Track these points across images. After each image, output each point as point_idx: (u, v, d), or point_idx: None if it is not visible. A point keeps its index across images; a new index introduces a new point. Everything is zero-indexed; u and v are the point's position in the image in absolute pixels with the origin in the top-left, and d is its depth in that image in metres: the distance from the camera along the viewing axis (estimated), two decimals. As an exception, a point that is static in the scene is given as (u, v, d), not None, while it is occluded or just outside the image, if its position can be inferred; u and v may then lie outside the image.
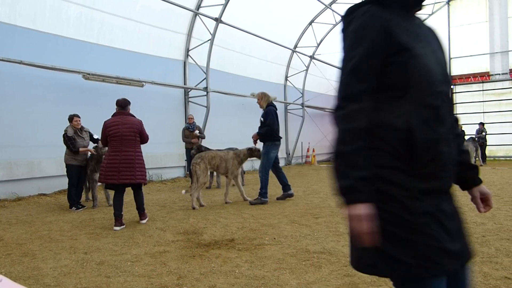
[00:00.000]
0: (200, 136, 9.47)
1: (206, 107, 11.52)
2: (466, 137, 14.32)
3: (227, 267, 3.48)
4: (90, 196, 7.30)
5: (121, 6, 9.44)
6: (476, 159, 14.46)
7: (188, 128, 9.34)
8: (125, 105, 5.51)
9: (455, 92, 18.40)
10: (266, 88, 11.15)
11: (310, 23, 14.96)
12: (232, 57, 12.94)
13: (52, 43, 8.26)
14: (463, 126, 12.49)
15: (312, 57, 16.14)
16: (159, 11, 10.18)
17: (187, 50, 11.45)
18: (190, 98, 11.68)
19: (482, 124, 15.93)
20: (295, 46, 15.35)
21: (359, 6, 1.37)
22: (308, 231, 4.73)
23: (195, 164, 6.68)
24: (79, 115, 6.91)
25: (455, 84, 18.38)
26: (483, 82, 18.02)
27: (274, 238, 4.44)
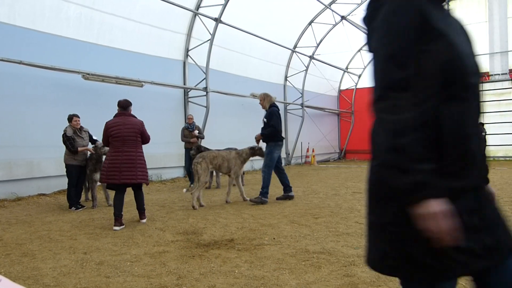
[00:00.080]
0: (199, 136, 9.46)
1: (205, 107, 11.52)
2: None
3: (227, 267, 3.48)
4: (89, 196, 7.30)
5: (120, 6, 9.44)
6: None
7: (188, 128, 9.33)
8: (126, 106, 5.53)
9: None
10: (265, 88, 11.19)
11: (310, 23, 14.95)
12: (232, 57, 12.94)
13: (51, 43, 8.26)
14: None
15: (311, 57, 16.15)
16: (159, 11, 10.18)
17: (187, 50, 11.45)
18: (190, 98, 11.67)
19: (481, 124, 15.91)
20: (295, 46, 15.36)
21: None
22: (308, 231, 4.73)
23: (197, 164, 6.68)
24: (78, 115, 6.91)
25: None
26: (482, 83, 17.95)
27: (274, 238, 4.44)
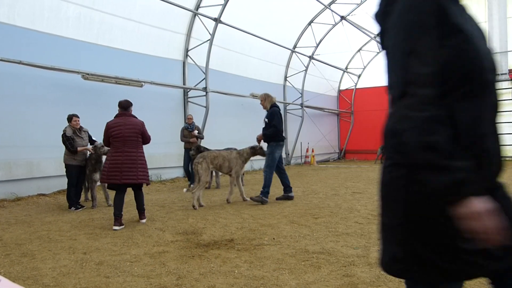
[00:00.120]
0: (199, 136, 9.46)
1: (205, 107, 11.52)
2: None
3: (226, 267, 3.49)
4: (89, 196, 7.29)
5: (120, 6, 9.44)
6: None
7: (187, 128, 9.33)
8: (127, 106, 5.53)
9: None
10: (265, 88, 11.20)
11: (310, 23, 14.96)
12: (232, 57, 12.94)
13: (51, 43, 8.25)
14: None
15: (311, 57, 16.15)
16: (159, 11, 10.18)
17: (187, 50, 11.44)
18: (190, 98, 11.67)
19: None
20: (295, 46, 15.36)
21: None
22: (307, 231, 4.73)
23: (197, 164, 6.69)
24: (78, 115, 6.91)
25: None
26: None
27: (274, 238, 4.44)
